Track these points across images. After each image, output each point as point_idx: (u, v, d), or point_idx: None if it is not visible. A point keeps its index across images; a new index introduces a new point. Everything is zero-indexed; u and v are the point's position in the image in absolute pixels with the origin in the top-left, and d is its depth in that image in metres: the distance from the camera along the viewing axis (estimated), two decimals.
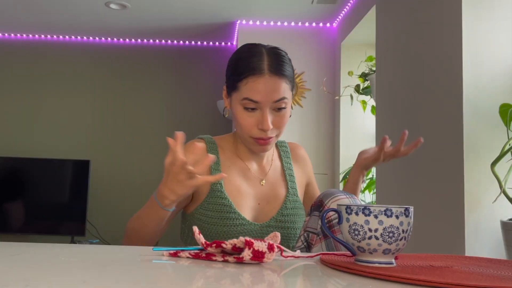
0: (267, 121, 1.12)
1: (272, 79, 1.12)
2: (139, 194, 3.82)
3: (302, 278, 0.71)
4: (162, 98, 4.05)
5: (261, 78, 1.12)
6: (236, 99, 1.15)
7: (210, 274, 0.70)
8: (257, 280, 0.67)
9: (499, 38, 1.57)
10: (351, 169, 1.31)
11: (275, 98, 1.12)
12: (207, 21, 3.56)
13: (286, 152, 1.35)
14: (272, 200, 1.25)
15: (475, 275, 0.66)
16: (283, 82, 1.14)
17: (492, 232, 1.49)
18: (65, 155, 3.85)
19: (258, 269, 0.74)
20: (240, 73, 1.14)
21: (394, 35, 2.25)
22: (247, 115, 1.14)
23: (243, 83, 1.13)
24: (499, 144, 1.47)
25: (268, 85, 1.12)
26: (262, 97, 1.11)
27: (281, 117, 1.15)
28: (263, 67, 1.12)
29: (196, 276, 0.69)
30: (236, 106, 1.16)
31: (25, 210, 3.66)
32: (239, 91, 1.14)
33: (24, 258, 0.76)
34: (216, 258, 0.78)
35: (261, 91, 1.11)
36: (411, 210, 0.72)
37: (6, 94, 3.97)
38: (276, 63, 1.14)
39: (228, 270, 0.72)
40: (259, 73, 1.12)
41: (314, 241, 1.04)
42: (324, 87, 3.28)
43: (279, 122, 1.15)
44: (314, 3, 3.12)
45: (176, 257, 0.80)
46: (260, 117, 1.13)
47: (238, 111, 1.15)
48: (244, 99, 1.13)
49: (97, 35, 3.96)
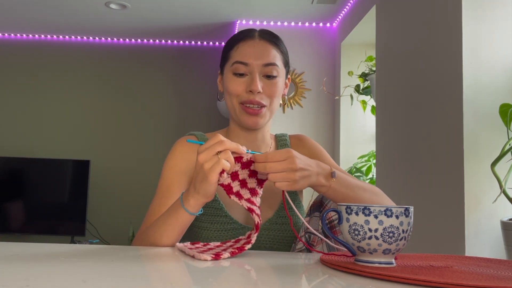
0: (256, 81, 1.10)
1: (262, 43, 1.13)
2: (139, 194, 3.82)
3: (302, 278, 0.71)
4: (162, 98, 4.05)
5: (251, 41, 1.13)
6: (228, 69, 1.15)
7: (210, 273, 0.70)
8: (256, 279, 0.67)
9: (499, 38, 1.57)
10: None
11: (265, 61, 1.11)
12: (207, 21, 3.56)
13: (285, 146, 1.26)
14: (268, 200, 1.15)
15: (475, 275, 0.66)
16: (274, 49, 1.14)
17: (492, 232, 1.49)
18: (65, 155, 3.85)
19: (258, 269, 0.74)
20: (232, 43, 1.16)
21: (394, 35, 2.25)
22: (236, 81, 1.12)
23: (234, 50, 1.14)
24: (499, 144, 1.47)
25: (257, 48, 1.12)
26: (251, 58, 1.11)
27: (272, 85, 1.12)
28: (254, 33, 1.15)
29: (196, 275, 0.69)
30: (227, 75, 1.14)
31: (25, 210, 3.66)
32: (230, 58, 1.14)
33: (24, 258, 0.76)
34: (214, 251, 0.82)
35: (250, 53, 1.11)
36: (411, 210, 0.72)
37: (6, 94, 3.97)
38: (268, 32, 1.17)
39: (227, 270, 0.72)
40: (249, 38, 1.14)
41: (315, 242, 1.04)
42: (324, 87, 3.28)
43: (270, 90, 1.12)
44: (314, 3, 3.12)
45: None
46: (249, 82, 1.11)
47: (228, 79, 1.14)
48: (234, 63, 1.12)
49: (97, 35, 3.96)
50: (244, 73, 1.11)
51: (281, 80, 1.15)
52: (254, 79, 1.10)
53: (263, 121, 1.15)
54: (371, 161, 2.78)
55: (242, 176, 0.91)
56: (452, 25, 1.65)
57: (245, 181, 0.91)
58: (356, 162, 2.91)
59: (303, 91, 3.42)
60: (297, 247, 1.09)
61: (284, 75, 1.18)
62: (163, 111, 4.04)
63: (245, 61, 1.11)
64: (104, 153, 3.94)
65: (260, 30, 1.17)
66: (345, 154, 3.22)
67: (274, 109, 1.15)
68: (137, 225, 3.67)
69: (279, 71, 1.14)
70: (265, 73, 1.12)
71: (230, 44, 1.16)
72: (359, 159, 2.92)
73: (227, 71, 1.15)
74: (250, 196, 0.90)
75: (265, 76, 1.12)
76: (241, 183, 0.91)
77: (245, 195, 0.90)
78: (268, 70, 1.12)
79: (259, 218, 0.88)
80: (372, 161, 2.77)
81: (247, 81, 1.11)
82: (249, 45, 1.12)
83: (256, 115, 1.12)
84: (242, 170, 0.91)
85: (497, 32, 1.57)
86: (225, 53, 1.17)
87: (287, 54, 1.19)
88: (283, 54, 1.17)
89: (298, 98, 3.41)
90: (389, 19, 2.33)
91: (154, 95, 4.05)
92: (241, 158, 0.89)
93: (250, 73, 1.11)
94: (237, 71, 1.12)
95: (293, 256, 0.91)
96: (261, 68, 1.11)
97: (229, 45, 1.16)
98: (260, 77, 1.11)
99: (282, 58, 1.16)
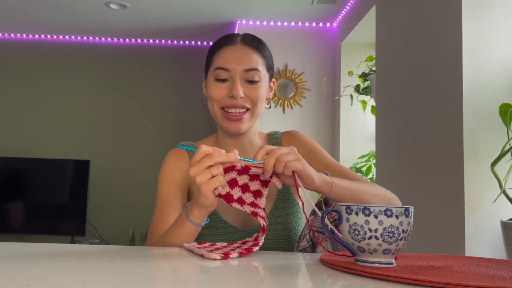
0: (237, 86, 1.10)
1: (243, 48, 1.13)
2: (139, 194, 3.82)
3: (302, 278, 0.71)
4: (162, 98, 4.05)
5: (233, 46, 1.13)
6: (210, 74, 1.15)
7: (209, 273, 0.70)
8: (256, 279, 0.67)
9: (499, 38, 1.57)
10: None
11: (246, 67, 1.11)
12: (207, 21, 3.56)
13: (277, 144, 1.24)
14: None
15: (475, 275, 0.66)
16: (255, 54, 1.13)
17: (492, 232, 1.49)
18: (65, 155, 3.85)
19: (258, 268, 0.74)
20: (214, 49, 1.16)
21: (394, 35, 2.25)
22: (218, 86, 1.12)
23: (216, 55, 1.14)
24: (499, 144, 1.47)
25: (238, 54, 1.12)
26: (232, 64, 1.11)
27: (254, 90, 1.12)
28: (236, 39, 1.15)
29: (196, 275, 0.69)
30: (210, 81, 1.15)
31: (25, 210, 3.66)
32: (212, 64, 1.14)
33: (24, 258, 0.76)
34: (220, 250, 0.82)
35: (231, 58, 1.11)
36: (411, 210, 0.72)
37: (6, 94, 3.97)
38: (250, 37, 1.16)
39: (227, 270, 0.72)
40: (231, 43, 1.14)
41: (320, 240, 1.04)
42: (324, 87, 3.28)
43: (252, 94, 1.11)
44: (314, 3, 3.12)
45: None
46: (230, 87, 1.11)
47: (210, 85, 1.14)
48: (216, 69, 1.12)
49: (97, 35, 3.96)
50: (226, 78, 1.12)
51: (263, 84, 1.14)
52: (235, 84, 1.10)
53: (246, 126, 1.14)
54: (371, 161, 2.79)
55: (242, 182, 0.91)
56: (452, 25, 1.65)
57: (247, 185, 0.91)
58: (356, 162, 2.91)
59: (303, 91, 3.42)
60: (300, 245, 1.09)
61: (268, 79, 1.17)
62: (163, 111, 4.04)
63: (226, 67, 1.11)
64: (104, 153, 3.94)
65: (243, 35, 1.17)
66: (345, 154, 3.22)
67: (257, 113, 1.15)
68: (137, 225, 3.68)
69: (261, 76, 1.13)
70: (246, 78, 1.12)
71: (213, 50, 1.17)
72: (359, 159, 2.92)
73: (210, 76, 1.15)
74: (254, 199, 0.90)
75: (247, 81, 1.12)
76: (242, 189, 0.91)
77: (248, 199, 0.90)
78: (250, 76, 1.11)
79: (265, 220, 0.88)
80: (372, 161, 2.77)
81: (229, 86, 1.12)
82: (230, 51, 1.12)
83: (238, 121, 1.12)
84: (240, 177, 0.91)
85: (497, 32, 1.57)
86: (208, 58, 1.18)
87: (270, 58, 1.19)
88: (266, 59, 1.16)
89: (298, 98, 3.42)
90: (389, 19, 2.33)
91: (154, 95, 4.05)
92: (234, 166, 0.89)
93: (231, 79, 1.12)
94: (218, 77, 1.12)
95: (293, 256, 0.91)
96: (242, 74, 1.11)
97: (212, 51, 1.17)
98: (242, 82, 1.11)
99: (265, 63, 1.15)
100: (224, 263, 0.76)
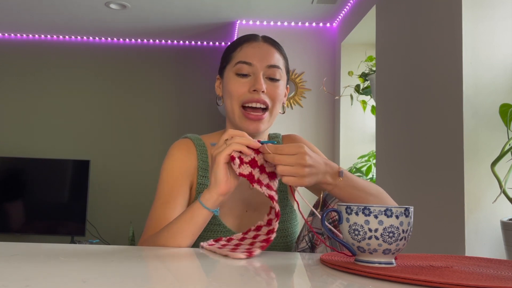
0: (260, 80, 1.08)
1: (266, 45, 1.14)
2: (139, 194, 3.82)
3: (302, 278, 0.71)
4: (162, 98, 4.05)
5: (255, 43, 1.13)
6: (229, 70, 1.13)
7: (209, 273, 0.70)
8: (256, 279, 0.67)
9: (499, 38, 1.57)
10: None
11: (269, 63, 1.10)
12: (207, 21, 3.56)
13: None
14: (260, 206, 1.13)
15: (475, 275, 0.66)
16: (277, 53, 1.14)
17: (492, 232, 1.49)
18: (65, 155, 3.85)
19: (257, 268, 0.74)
20: (235, 45, 1.15)
21: (394, 35, 2.25)
22: (239, 81, 1.10)
23: (237, 51, 1.13)
24: (499, 144, 1.47)
25: (262, 50, 1.12)
26: (255, 59, 1.10)
27: (275, 87, 1.11)
28: (258, 37, 1.16)
29: (195, 275, 0.69)
30: (229, 76, 1.12)
31: (25, 210, 3.66)
32: (233, 59, 1.13)
33: (24, 258, 0.76)
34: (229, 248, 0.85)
35: (255, 53, 1.11)
36: (411, 210, 0.72)
37: (6, 94, 3.97)
38: (271, 38, 1.18)
39: (227, 269, 0.72)
40: (253, 40, 1.14)
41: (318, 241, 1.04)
42: (324, 87, 3.28)
43: (273, 92, 1.10)
44: (314, 3, 3.12)
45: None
46: (253, 82, 1.09)
47: (230, 80, 1.12)
48: (238, 63, 1.11)
49: (97, 35, 3.96)
50: (248, 73, 1.10)
51: (283, 84, 1.14)
52: (258, 78, 1.08)
53: (264, 127, 1.12)
54: (371, 161, 2.79)
55: (260, 162, 0.92)
56: (452, 24, 1.65)
57: (263, 166, 0.92)
58: (356, 162, 2.91)
59: (303, 91, 3.42)
60: (300, 247, 1.09)
61: (286, 80, 1.16)
62: (163, 111, 4.04)
63: (249, 61, 1.10)
64: (104, 153, 3.94)
65: (263, 35, 1.18)
66: (345, 154, 3.22)
67: (275, 114, 1.13)
68: (137, 225, 3.68)
69: (282, 74, 1.13)
70: (268, 75, 1.10)
71: (233, 46, 1.16)
72: (359, 159, 2.92)
73: (229, 72, 1.13)
74: (269, 181, 0.92)
75: (268, 78, 1.11)
76: (260, 169, 0.92)
77: (264, 180, 0.91)
78: (272, 72, 1.10)
79: (278, 205, 0.90)
80: (372, 161, 2.77)
81: (251, 81, 1.10)
82: (254, 46, 1.12)
83: (258, 121, 1.10)
84: (258, 156, 0.92)
85: (497, 31, 1.57)
86: (227, 55, 1.16)
87: (287, 61, 1.19)
88: (285, 60, 1.17)
89: (298, 98, 3.41)
90: (389, 19, 2.33)
91: (154, 95, 4.05)
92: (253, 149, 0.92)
93: (253, 74, 1.10)
94: (240, 71, 1.10)
95: (293, 256, 0.91)
96: (265, 70, 1.10)
97: (232, 47, 1.16)
98: (264, 79, 1.10)
99: (285, 64, 1.16)
100: (224, 263, 0.76)
